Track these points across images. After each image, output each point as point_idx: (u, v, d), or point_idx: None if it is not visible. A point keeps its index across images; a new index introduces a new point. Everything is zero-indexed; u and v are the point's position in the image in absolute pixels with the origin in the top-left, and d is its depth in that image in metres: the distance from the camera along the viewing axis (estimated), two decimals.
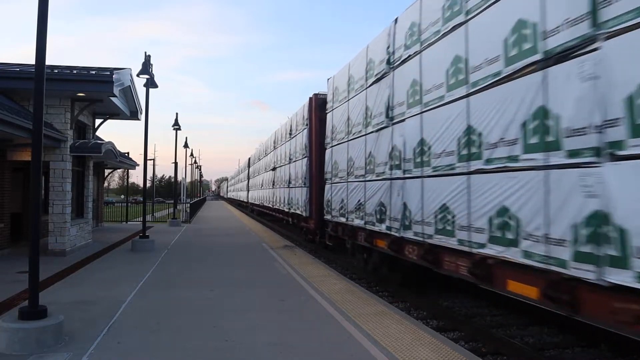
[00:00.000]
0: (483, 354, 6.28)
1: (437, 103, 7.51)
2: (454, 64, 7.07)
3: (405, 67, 8.80)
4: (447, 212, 7.08)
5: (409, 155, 8.42)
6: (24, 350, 5.18)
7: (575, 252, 4.66)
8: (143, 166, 16.52)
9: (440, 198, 7.26)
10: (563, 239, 4.80)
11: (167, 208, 50.56)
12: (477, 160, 6.34)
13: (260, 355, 5.20)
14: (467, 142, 6.62)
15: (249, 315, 6.82)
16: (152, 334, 5.92)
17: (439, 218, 7.30)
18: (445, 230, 7.11)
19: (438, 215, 7.33)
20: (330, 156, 13.55)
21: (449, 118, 7.11)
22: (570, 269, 4.70)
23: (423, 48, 8.09)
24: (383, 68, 9.70)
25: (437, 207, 7.37)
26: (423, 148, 7.92)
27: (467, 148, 6.60)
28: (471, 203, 6.44)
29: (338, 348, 5.43)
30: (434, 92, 7.64)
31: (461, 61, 6.84)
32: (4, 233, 12.63)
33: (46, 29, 5.72)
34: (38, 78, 5.68)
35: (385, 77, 9.67)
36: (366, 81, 10.72)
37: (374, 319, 6.59)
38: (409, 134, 8.48)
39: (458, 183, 6.81)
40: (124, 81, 13.64)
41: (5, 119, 9.37)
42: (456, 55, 6.99)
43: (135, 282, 9.20)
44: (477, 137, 6.37)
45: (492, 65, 6.11)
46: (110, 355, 5.15)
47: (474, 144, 6.43)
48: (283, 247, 15.34)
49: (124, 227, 24.34)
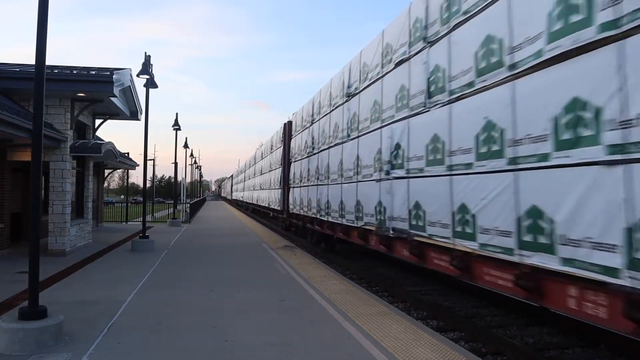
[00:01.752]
0: (483, 354, 6.28)
1: (365, 131, 10.62)
2: (400, 91, 8.81)
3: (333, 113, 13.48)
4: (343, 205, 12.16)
5: (332, 170, 13.19)
6: (24, 350, 5.17)
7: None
8: (143, 166, 16.53)
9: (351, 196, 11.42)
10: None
11: (167, 208, 50.58)
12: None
13: (260, 355, 5.20)
14: (355, 165, 11.21)
15: (248, 316, 6.82)
16: (152, 334, 5.92)
17: (342, 209, 12.02)
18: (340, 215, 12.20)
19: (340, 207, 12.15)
20: (293, 168, 19.31)
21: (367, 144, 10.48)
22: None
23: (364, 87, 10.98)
24: (324, 110, 14.54)
25: (339, 202, 12.56)
26: (333, 168, 13.18)
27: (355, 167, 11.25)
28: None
29: (338, 348, 5.43)
30: (363, 123, 10.80)
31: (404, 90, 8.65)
32: (4, 233, 12.63)
33: (46, 29, 5.72)
34: (38, 78, 5.68)
35: (312, 124, 16.05)
36: (312, 118, 16.19)
37: (374, 319, 6.59)
38: (329, 158, 13.63)
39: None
40: (124, 81, 13.64)
41: (5, 119, 9.37)
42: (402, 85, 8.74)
43: (135, 282, 9.20)
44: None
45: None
46: (110, 355, 5.15)
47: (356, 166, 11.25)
48: (283, 247, 15.34)
49: (124, 228, 24.34)
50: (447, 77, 7.03)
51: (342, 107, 12.41)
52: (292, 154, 19.72)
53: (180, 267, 11.32)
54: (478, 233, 6.07)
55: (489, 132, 5.94)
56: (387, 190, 9.02)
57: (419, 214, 7.74)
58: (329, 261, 13.88)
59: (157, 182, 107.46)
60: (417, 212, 7.83)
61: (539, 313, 7.96)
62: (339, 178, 12.41)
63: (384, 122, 9.44)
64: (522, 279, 5.27)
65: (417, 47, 8.16)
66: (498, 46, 5.80)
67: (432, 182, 7.37)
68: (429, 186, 7.47)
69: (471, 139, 6.29)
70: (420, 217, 7.67)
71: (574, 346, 6.62)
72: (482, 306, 8.93)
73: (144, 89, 14.81)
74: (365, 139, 10.53)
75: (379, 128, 9.65)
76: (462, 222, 6.46)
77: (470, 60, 6.41)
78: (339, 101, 12.80)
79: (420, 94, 7.89)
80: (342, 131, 12.31)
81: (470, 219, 6.23)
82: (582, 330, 7.01)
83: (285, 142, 20.82)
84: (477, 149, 6.20)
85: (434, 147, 7.33)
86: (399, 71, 8.84)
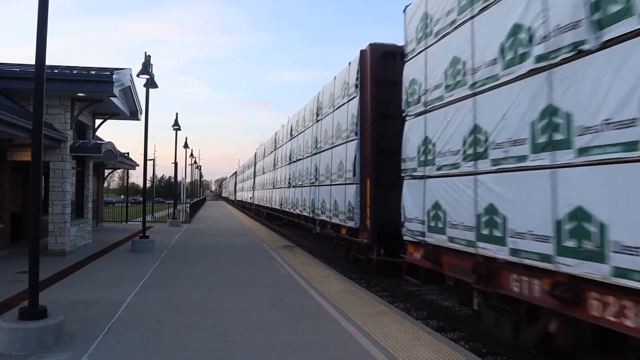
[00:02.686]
0: (483, 354, 6.28)
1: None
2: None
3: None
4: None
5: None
6: (24, 350, 5.17)
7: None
8: (143, 166, 16.55)
9: None
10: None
11: (167, 208, 50.55)
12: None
13: (260, 355, 5.20)
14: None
15: (248, 316, 6.82)
16: (152, 334, 5.92)
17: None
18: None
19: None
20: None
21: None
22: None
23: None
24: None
25: None
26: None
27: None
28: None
29: (338, 348, 5.43)
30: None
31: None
32: (4, 233, 12.63)
33: (46, 29, 5.72)
34: (38, 78, 5.68)
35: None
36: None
37: (374, 319, 6.59)
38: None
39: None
40: (124, 81, 13.64)
41: (5, 119, 9.37)
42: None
43: (135, 282, 9.19)
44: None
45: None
46: (110, 355, 5.15)
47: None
48: (283, 247, 15.34)
49: (124, 227, 24.34)
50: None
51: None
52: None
53: (180, 267, 11.32)
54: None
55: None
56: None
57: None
58: (328, 261, 13.88)
59: (157, 182, 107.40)
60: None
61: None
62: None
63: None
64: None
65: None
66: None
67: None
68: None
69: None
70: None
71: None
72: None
73: (144, 89, 14.83)
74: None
75: None
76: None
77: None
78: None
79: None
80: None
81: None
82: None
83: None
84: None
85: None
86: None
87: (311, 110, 16.45)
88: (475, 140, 6.31)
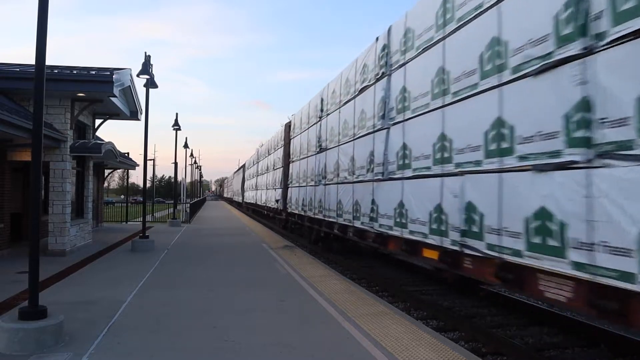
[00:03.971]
0: (483, 354, 6.28)
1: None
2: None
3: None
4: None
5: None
6: (24, 350, 5.17)
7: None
8: (143, 166, 16.53)
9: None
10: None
11: (167, 208, 50.57)
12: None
13: (260, 355, 5.20)
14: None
15: (248, 316, 6.82)
16: (152, 334, 5.92)
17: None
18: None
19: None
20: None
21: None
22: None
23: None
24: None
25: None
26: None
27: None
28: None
29: (338, 348, 5.43)
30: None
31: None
32: (4, 233, 12.63)
33: (46, 29, 5.72)
34: (38, 78, 5.67)
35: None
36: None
37: (374, 319, 6.59)
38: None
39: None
40: (123, 81, 13.64)
41: (5, 119, 9.36)
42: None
43: (135, 282, 9.19)
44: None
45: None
46: (110, 355, 5.14)
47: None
48: (283, 247, 15.34)
49: (124, 227, 24.34)
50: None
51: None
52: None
53: (180, 267, 11.32)
54: None
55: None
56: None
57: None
58: (328, 261, 13.88)
59: (157, 182, 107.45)
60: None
61: (539, 313, 7.97)
62: None
63: None
64: None
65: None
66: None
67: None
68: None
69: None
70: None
71: (573, 346, 6.62)
72: (482, 306, 8.93)
73: (144, 89, 14.81)
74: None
75: None
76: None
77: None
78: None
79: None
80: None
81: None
82: (582, 330, 7.02)
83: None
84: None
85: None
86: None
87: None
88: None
